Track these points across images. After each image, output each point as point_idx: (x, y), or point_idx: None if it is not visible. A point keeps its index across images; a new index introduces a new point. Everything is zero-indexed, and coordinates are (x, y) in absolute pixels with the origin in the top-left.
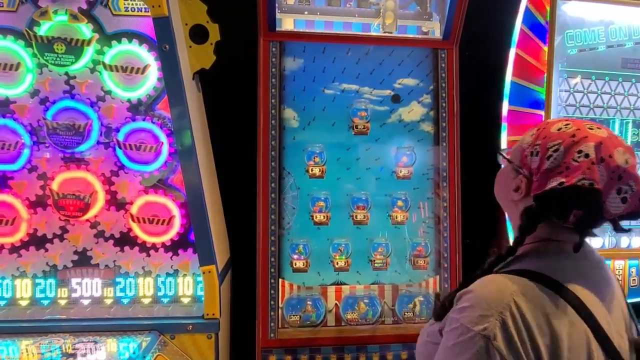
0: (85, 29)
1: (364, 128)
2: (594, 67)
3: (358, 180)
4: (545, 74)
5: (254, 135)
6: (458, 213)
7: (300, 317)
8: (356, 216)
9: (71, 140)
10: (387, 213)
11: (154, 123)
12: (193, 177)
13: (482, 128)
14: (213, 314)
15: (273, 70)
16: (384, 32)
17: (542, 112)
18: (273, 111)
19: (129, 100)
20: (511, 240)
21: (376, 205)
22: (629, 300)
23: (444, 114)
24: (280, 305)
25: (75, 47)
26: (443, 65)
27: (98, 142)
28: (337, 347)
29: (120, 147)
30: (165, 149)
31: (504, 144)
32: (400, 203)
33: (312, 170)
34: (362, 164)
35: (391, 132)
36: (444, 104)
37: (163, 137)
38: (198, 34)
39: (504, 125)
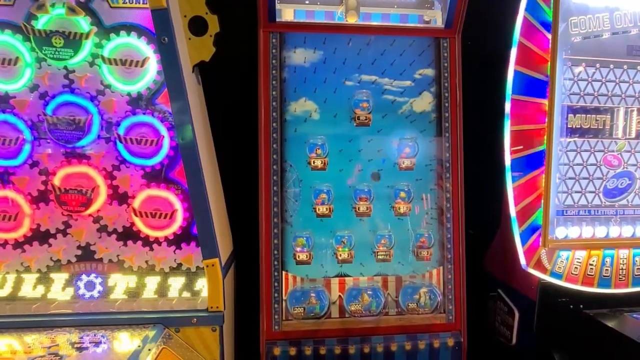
0: (83, 22)
1: (366, 119)
2: (598, 54)
3: (360, 172)
4: (549, 63)
5: (256, 127)
6: (461, 204)
7: (304, 309)
8: (359, 208)
9: (72, 135)
10: (390, 205)
11: (154, 117)
12: (194, 170)
13: (486, 118)
14: (217, 307)
15: (273, 61)
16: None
17: (546, 101)
18: (274, 103)
19: (129, 94)
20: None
21: (379, 197)
22: (633, 290)
23: (446, 104)
24: (284, 298)
25: (73, 41)
26: (445, 54)
27: (99, 137)
28: (341, 338)
29: (121, 141)
30: (166, 143)
31: (507, 134)
32: (403, 194)
33: (314, 162)
34: (364, 156)
35: (393, 123)
36: (446, 94)
37: (164, 131)
38: (197, 26)
39: (508, 115)
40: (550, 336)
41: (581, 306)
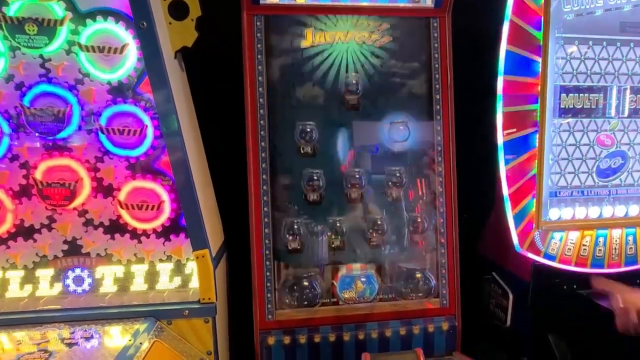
0: (57, 8)
1: (356, 103)
2: (591, 32)
3: (351, 157)
4: (542, 41)
5: (243, 114)
6: (454, 188)
7: (297, 298)
8: (351, 194)
9: (51, 127)
10: (382, 190)
11: (136, 105)
12: (180, 160)
13: (477, 99)
14: (209, 299)
15: (259, 46)
16: None
17: (538, 81)
18: (260, 89)
19: (109, 83)
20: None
21: (371, 182)
22: (626, 269)
23: (437, 86)
24: (276, 287)
25: (47, 28)
26: (435, 35)
27: (80, 128)
28: (336, 325)
29: (103, 132)
30: (150, 132)
31: (499, 116)
32: (395, 179)
33: (303, 148)
34: (355, 141)
35: (384, 106)
36: (437, 75)
37: (147, 120)
38: (178, 10)
39: (500, 96)
40: (544, 317)
41: (575, 286)
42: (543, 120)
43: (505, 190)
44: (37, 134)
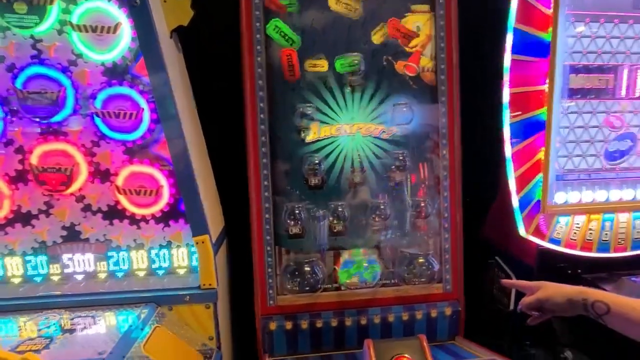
0: None
1: (358, 85)
2: (602, 9)
3: (353, 140)
4: (552, 19)
5: (242, 96)
6: (458, 172)
7: (299, 283)
8: (353, 178)
9: (46, 110)
10: (385, 174)
11: (132, 88)
12: (178, 144)
13: (483, 80)
14: (210, 284)
15: (257, 24)
16: None
17: (547, 60)
18: (259, 70)
19: (103, 64)
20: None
21: (373, 166)
22: (632, 253)
23: (442, 66)
24: (277, 273)
25: (37, 7)
26: (441, 12)
27: (74, 111)
28: (338, 311)
29: (98, 116)
30: (146, 116)
31: (506, 97)
32: (398, 163)
33: (304, 131)
34: (358, 123)
35: (387, 87)
36: (442, 55)
37: (143, 103)
38: None
39: (507, 76)
40: None
41: (579, 271)
42: (551, 101)
43: (511, 174)
44: (31, 118)
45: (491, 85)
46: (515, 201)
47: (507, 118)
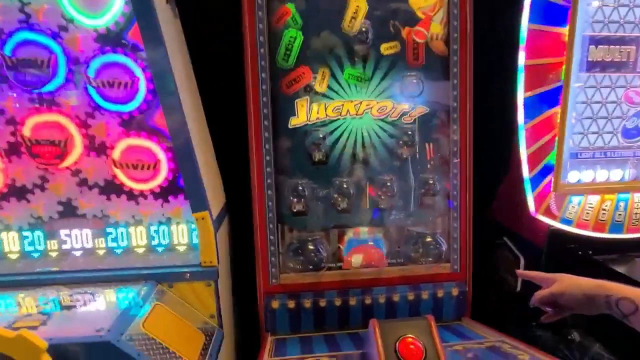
0: None
1: (364, 61)
2: None
3: (359, 114)
4: None
5: (243, 67)
6: (470, 149)
7: (302, 261)
8: (358, 154)
9: (37, 79)
10: (392, 150)
11: (126, 55)
12: (176, 116)
13: (498, 51)
14: (210, 262)
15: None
16: None
17: (566, 30)
18: (262, 50)
19: (95, 29)
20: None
21: (380, 141)
22: None
23: (455, 35)
24: (280, 251)
25: None
26: None
27: (67, 80)
28: (342, 290)
29: (91, 85)
30: (142, 85)
31: (521, 70)
32: (406, 139)
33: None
34: (363, 97)
35: (394, 61)
36: (455, 23)
37: (139, 72)
38: None
39: (523, 46)
40: None
41: (590, 252)
42: (568, 75)
43: (524, 151)
44: (22, 87)
45: (505, 56)
46: (526, 180)
47: (520, 92)
